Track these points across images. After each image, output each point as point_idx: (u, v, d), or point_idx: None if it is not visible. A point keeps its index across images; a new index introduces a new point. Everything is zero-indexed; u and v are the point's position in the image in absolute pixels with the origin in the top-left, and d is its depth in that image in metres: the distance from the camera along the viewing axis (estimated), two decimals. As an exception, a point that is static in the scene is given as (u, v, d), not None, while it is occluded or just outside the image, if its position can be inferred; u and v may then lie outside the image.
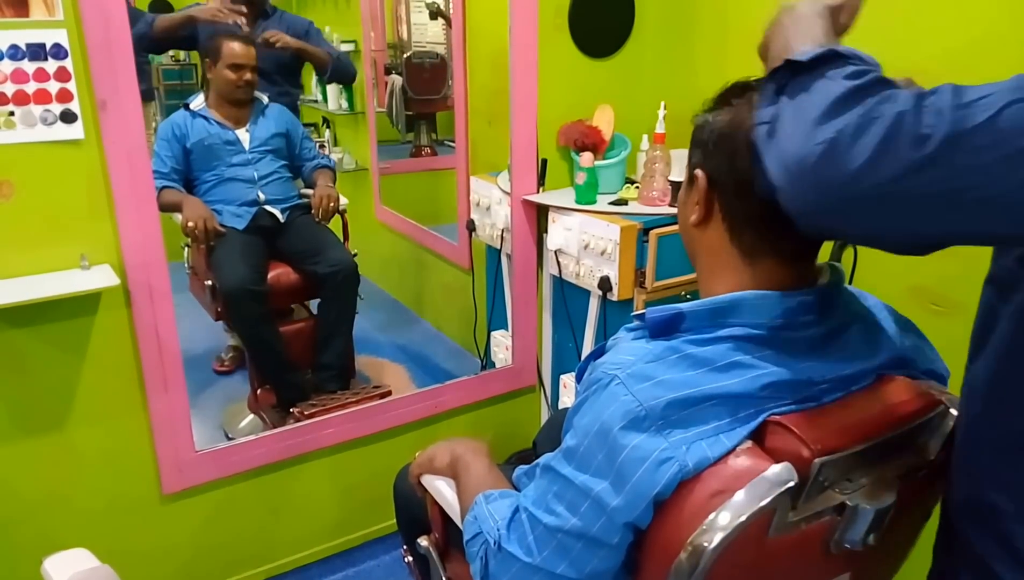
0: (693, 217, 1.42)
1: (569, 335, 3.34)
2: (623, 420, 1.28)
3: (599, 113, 3.25)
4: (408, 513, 2.18)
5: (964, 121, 0.94)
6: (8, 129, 2.25)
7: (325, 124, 5.91)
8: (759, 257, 1.37)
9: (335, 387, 3.77)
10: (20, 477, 2.57)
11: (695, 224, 1.42)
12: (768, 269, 1.36)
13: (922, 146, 0.95)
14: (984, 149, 0.93)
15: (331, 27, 5.73)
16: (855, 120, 1.01)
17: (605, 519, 1.31)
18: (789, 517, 1.25)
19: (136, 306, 2.55)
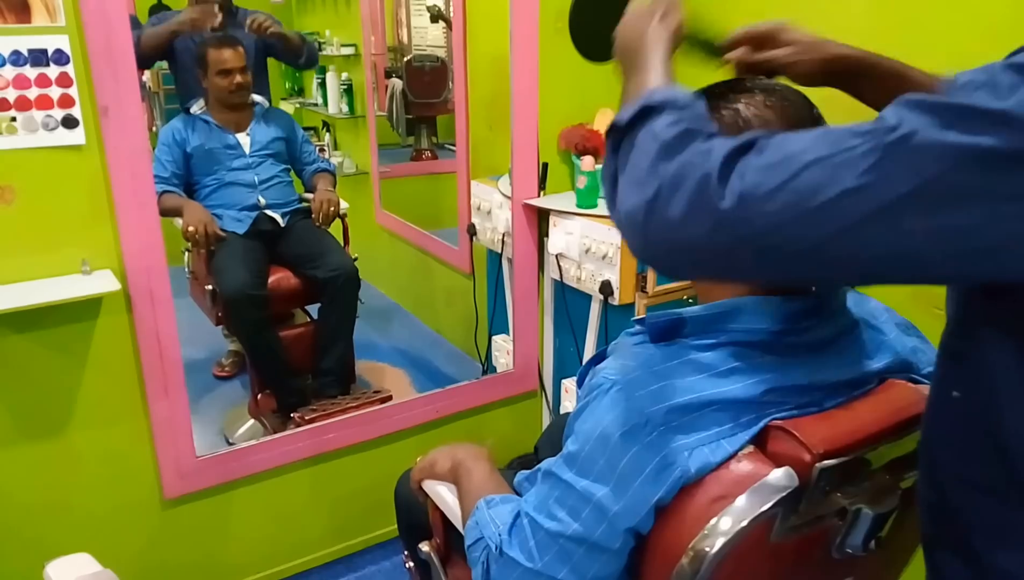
0: None
1: (570, 340, 3.35)
2: (624, 426, 1.28)
3: (600, 117, 3.25)
4: (409, 518, 2.17)
5: (762, 183, 0.95)
6: (10, 134, 2.25)
7: (325, 128, 5.92)
8: None
9: (335, 392, 3.77)
10: (22, 482, 2.57)
11: None
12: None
13: (722, 205, 0.97)
14: (780, 210, 0.94)
15: (331, 31, 5.73)
16: (668, 178, 1.03)
17: (606, 525, 1.31)
18: (791, 522, 1.25)
19: (137, 311, 2.55)
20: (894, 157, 0.88)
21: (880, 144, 0.89)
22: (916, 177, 0.87)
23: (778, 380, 1.29)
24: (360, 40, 5.42)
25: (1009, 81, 0.84)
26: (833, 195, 0.91)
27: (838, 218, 0.91)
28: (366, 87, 5.43)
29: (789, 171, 0.94)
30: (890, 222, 0.89)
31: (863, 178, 0.89)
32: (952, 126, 0.85)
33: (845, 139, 0.93)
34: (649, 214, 1.05)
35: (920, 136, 0.87)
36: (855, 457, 1.27)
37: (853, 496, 1.29)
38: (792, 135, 0.98)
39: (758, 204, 0.95)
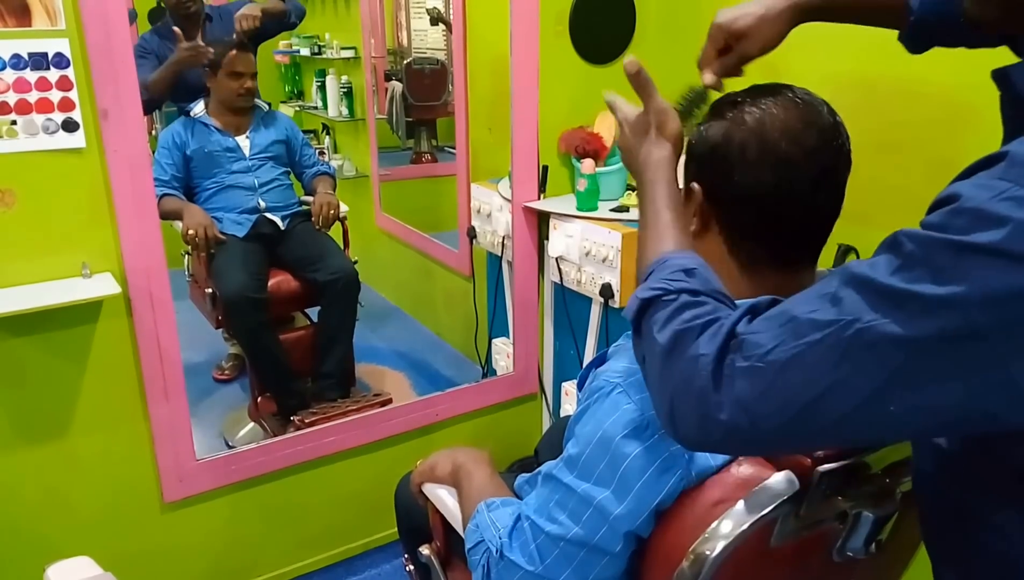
0: (691, 228, 1.41)
1: (571, 342, 3.35)
2: (625, 429, 1.28)
3: (600, 120, 3.26)
4: (409, 521, 2.18)
5: (750, 391, 0.99)
6: (10, 138, 2.25)
7: (325, 131, 5.92)
8: (757, 266, 1.37)
9: (335, 395, 3.77)
10: (22, 485, 2.57)
11: (693, 235, 1.41)
12: (767, 278, 1.36)
13: (723, 419, 1.00)
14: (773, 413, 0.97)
15: (331, 34, 5.74)
16: (674, 390, 1.07)
17: (607, 528, 1.32)
18: (791, 525, 1.25)
19: (137, 314, 2.55)
20: (857, 352, 0.91)
21: (841, 339, 0.92)
22: (883, 369, 0.90)
23: None
24: (360, 43, 5.42)
25: (944, 263, 0.86)
26: (814, 396, 0.94)
27: (827, 413, 0.94)
28: (366, 90, 5.44)
29: (770, 374, 0.97)
30: (874, 409, 0.92)
31: (835, 374, 0.92)
32: (900, 315, 0.88)
33: (808, 331, 0.95)
34: (672, 422, 1.08)
35: (875, 330, 0.89)
36: (855, 461, 1.27)
37: (853, 499, 1.29)
38: (762, 323, 1.01)
39: (753, 412, 0.99)
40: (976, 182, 0.88)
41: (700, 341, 1.04)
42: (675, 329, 1.08)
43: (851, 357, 0.91)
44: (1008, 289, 0.82)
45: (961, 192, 0.88)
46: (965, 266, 0.84)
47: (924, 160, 2.31)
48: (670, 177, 1.32)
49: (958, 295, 0.84)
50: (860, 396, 0.91)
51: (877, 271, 0.90)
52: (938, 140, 2.33)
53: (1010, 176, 0.85)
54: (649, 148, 1.36)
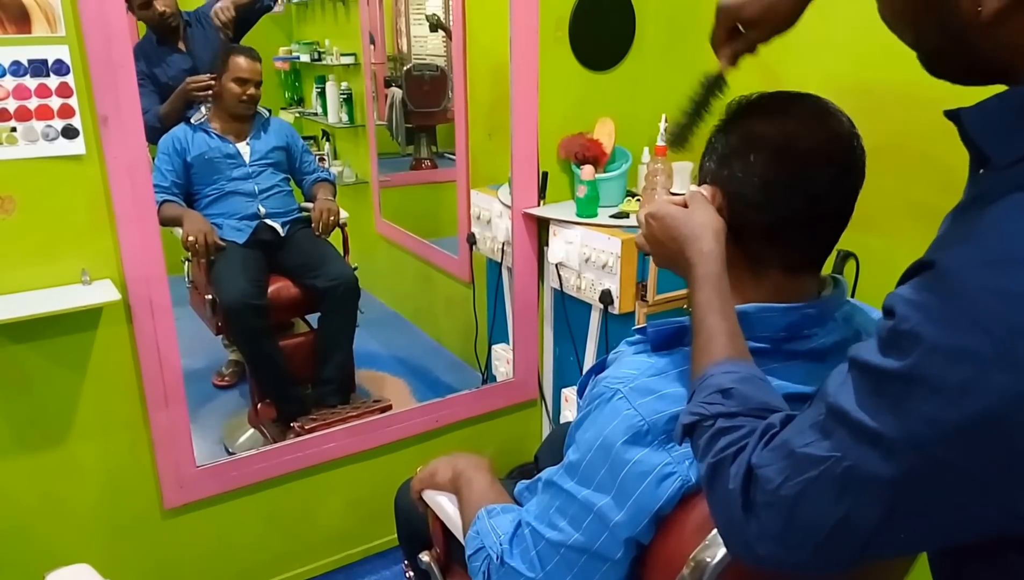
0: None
1: (570, 349, 3.34)
2: (626, 434, 1.28)
3: (600, 126, 3.26)
4: (409, 528, 2.17)
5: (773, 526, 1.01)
6: (10, 145, 2.25)
7: (325, 137, 5.92)
8: (764, 269, 1.37)
9: (335, 401, 3.76)
10: (22, 492, 2.56)
11: None
12: (772, 281, 1.36)
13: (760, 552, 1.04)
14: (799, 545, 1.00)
15: (331, 40, 5.74)
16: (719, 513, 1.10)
17: (608, 534, 1.32)
18: (792, 531, 1.24)
19: (137, 321, 2.55)
20: (853, 489, 0.93)
21: (835, 477, 0.94)
22: (880, 504, 0.92)
23: (780, 388, 1.27)
24: (360, 49, 5.42)
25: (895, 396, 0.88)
26: (831, 528, 0.96)
27: (849, 541, 0.96)
28: (366, 96, 5.44)
29: (785, 510, 0.99)
30: (889, 536, 0.94)
31: (841, 509, 0.94)
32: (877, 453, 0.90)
33: (806, 466, 0.97)
34: (727, 538, 1.11)
35: (860, 469, 0.92)
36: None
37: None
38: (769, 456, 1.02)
39: (784, 543, 1.01)
40: (908, 295, 0.90)
41: (730, 473, 1.06)
42: (710, 461, 1.10)
43: (849, 494, 0.93)
44: (953, 421, 0.84)
45: (895, 306, 0.90)
46: (911, 398, 0.86)
47: (923, 165, 2.31)
48: (719, 274, 1.28)
49: (914, 434, 0.86)
50: (871, 527, 0.93)
51: (850, 401, 0.93)
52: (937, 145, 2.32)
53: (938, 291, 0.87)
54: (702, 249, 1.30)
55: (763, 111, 1.35)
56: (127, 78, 2.36)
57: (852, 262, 2.42)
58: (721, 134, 1.39)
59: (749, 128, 1.34)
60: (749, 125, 1.35)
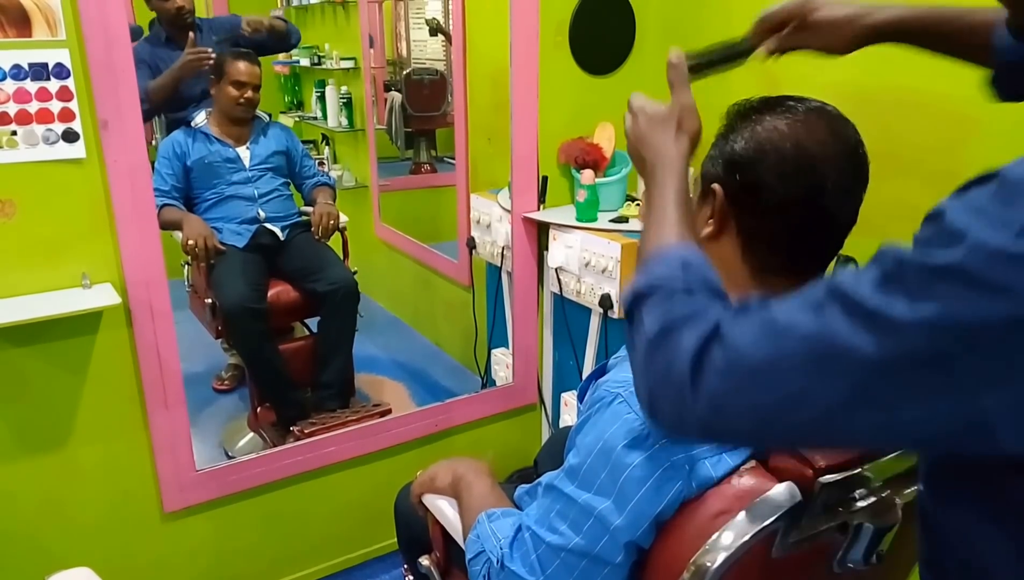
0: (705, 231, 1.40)
1: (570, 353, 3.34)
2: (626, 438, 1.28)
3: (600, 130, 3.26)
4: (409, 532, 2.17)
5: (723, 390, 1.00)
6: (11, 148, 2.25)
7: (324, 141, 5.92)
8: (768, 274, 1.37)
9: (335, 405, 3.76)
10: (22, 495, 2.56)
11: (706, 238, 1.41)
12: (776, 284, 1.34)
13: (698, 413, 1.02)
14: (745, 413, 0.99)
15: (331, 44, 5.74)
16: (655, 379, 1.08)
17: (608, 538, 1.31)
18: (792, 537, 1.25)
19: (137, 325, 2.55)
20: (828, 366, 0.91)
21: (814, 352, 0.93)
22: (849, 386, 0.90)
23: None
24: (359, 54, 5.42)
25: (918, 283, 0.86)
26: (781, 403, 0.95)
27: (793, 420, 0.96)
28: (365, 101, 5.44)
29: (744, 377, 0.98)
30: (838, 423, 0.93)
31: (803, 384, 0.93)
32: (872, 335, 0.88)
33: (787, 341, 0.96)
34: (651, 409, 1.10)
35: (847, 347, 0.89)
36: (856, 472, 1.27)
37: (854, 511, 1.29)
38: (745, 322, 1.01)
39: (725, 410, 1.00)
40: (964, 201, 0.87)
41: (684, 333, 1.05)
42: (663, 320, 1.09)
43: (821, 370, 0.92)
44: (978, 317, 0.82)
45: (946, 210, 0.87)
46: (937, 289, 0.84)
47: (924, 171, 2.31)
48: (682, 174, 1.31)
49: (927, 318, 0.84)
50: (824, 408, 0.92)
51: (860, 287, 0.90)
52: (938, 151, 2.33)
53: (999, 197, 0.84)
54: (667, 142, 1.33)
55: (770, 115, 1.35)
56: (127, 82, 2.36)
57: (852, 267, 2.42)
58: (726, 138, 1.39)
59: (756, 133, 1.34)
60: (756, 130, 1.34)
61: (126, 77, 2.35)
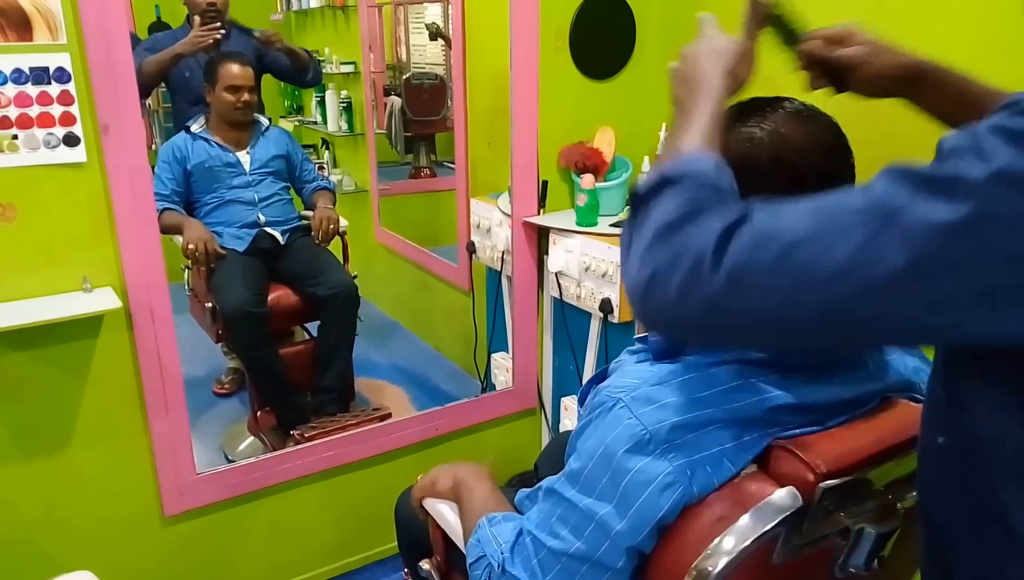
0: None
1: (570, 357, 3.34)
2: (627, 443, 1.28)
3: (600, 135, 3.26)
4: (410, 536, 2.17)
5: (752, 264, 0.97)
6: (11, 152, 2.25)
7: (324, 145, 5.91)
8: None
9: (335, 409, 3.77)
10: (22, 499, 2.56)
11: None
12: None
13: (713, 285, 0.98)
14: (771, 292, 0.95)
15: (330, 48, 5.73)
16: (667, 258, 1.04)
17: (609, 543, 1.31)
18: (793, 541, 1.26)
19: (138, 329, 2.55)
20: (885, 234, 0.88)
21: (870, 221, 0.90)
22: (908, 252, 0.87)
23: (781, 399, 1.30)
24: (360, 58, 5.42)
25: (991, 144, 0.84)
26: (825, 274, 0.92)
27: (830, 296, 0.92)
28: (365, 105, 5.44)
29: (779, 250, 0.95)
30: (884, 296, 0.90)
31: (856, 256, 0.90)
32: (940, 199, 0.85)
33: (834, 215, 0.93)
34: (648, 291, 1.06)
35: (910, 213, 0.87)
36: (858, 477, 1.27)
37: (856, 516, 1.30)
38: (784, 208, 0.98)
39: (749, 286, 0.97)
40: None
41: (710, 216, 1.03)
42: (689, 204, 1.07)
43: (877, 241, 0.89)
44: None
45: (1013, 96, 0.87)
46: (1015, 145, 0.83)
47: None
48: (719, 104, 1.28)
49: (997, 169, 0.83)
50: (871, 280, 0.89)
51: (919, 166, 0.89)
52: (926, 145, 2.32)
53: None
54: (715, 74, 1.31)
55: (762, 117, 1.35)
56: (128, 86, 2.36)
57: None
58: None
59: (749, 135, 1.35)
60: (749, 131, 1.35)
61: (127, 81, 2.35)
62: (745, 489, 1.25)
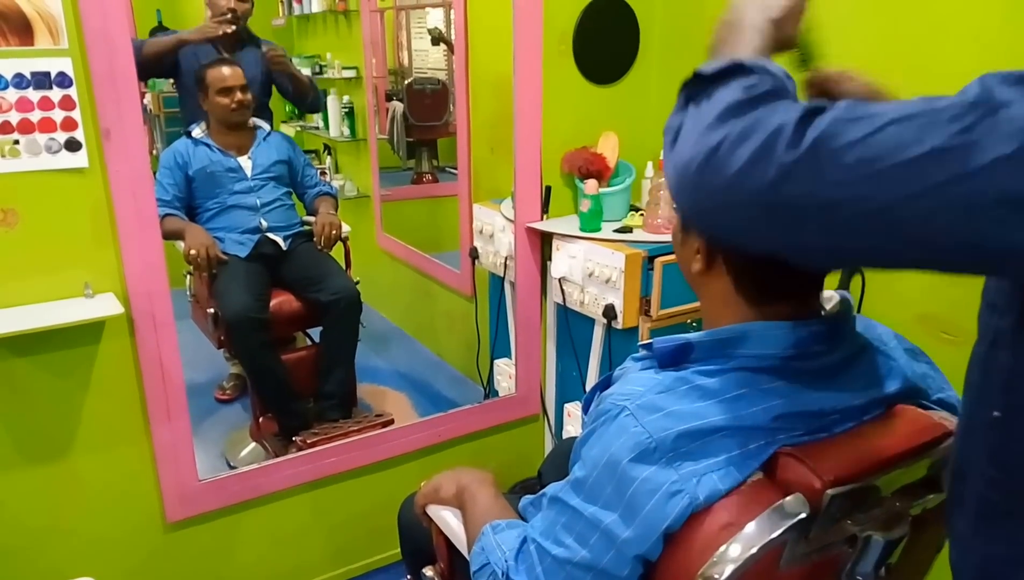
0: (696, 267, 1.40)
1: (573, 364, 3.34)
2: (633, 452, 1.27)
3: (603, 140, 3.26)
4: (413, 543, 2.17)
5: (840, 134, 0.92)
6: (13, 157, 2.25)
7: (326, 151, 5.92)
8: (766, 303, 1.35)
9: (337, 416, 3.76)
10: (24, 506, 2.55)
11: (699, 273, 1.40)
12: (777, 308, 1.35)
13: (792, 155, 0.94)
14: (855, 165, 0.91)
15: (332, 53, 5.74)
16: (739, 128, 1.00)
17: (615, 552, 1.30)
18: (800, 549, 1.25)
19: (140, 335, 2.54)
20: (988, 123, 0.85)
21: (973, 112, 0.86)
22: (1012, 142, 0.83)
23: (787, 406, 1.29)
24: (362, 63, 5.42)
25: None
26: (918, 153, 0.87)
27: (919, 178, 0.88)
28: (367, 110, 5.44)
29: (872, 126, 0.91)
30: (975, 187, 0.85)
31: (955, 139, 0.86)
32: None
33: (934, 101, 0.90)
34: (707, 161, 1.02)
35: (1016, 107, 0.84)
36: (865, 484, 1.26)
37: (863, 523, 1.29)
38: (871, 104, 0.94)
39: (832, 155, 0.92)
40: None
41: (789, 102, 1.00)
42: (765, 87, 1.04)
43: (978, 128, 0.85)
44: None
45: None
46: None
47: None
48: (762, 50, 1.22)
49: None
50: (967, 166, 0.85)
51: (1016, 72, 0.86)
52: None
53: None
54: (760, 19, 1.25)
55: None
56: (130, 91, 2.35)
57: (857, 277, 2.41)
58: None
59: None
60: None
61: (128, 86, 2.35)
62: (752, 496, 1.25)
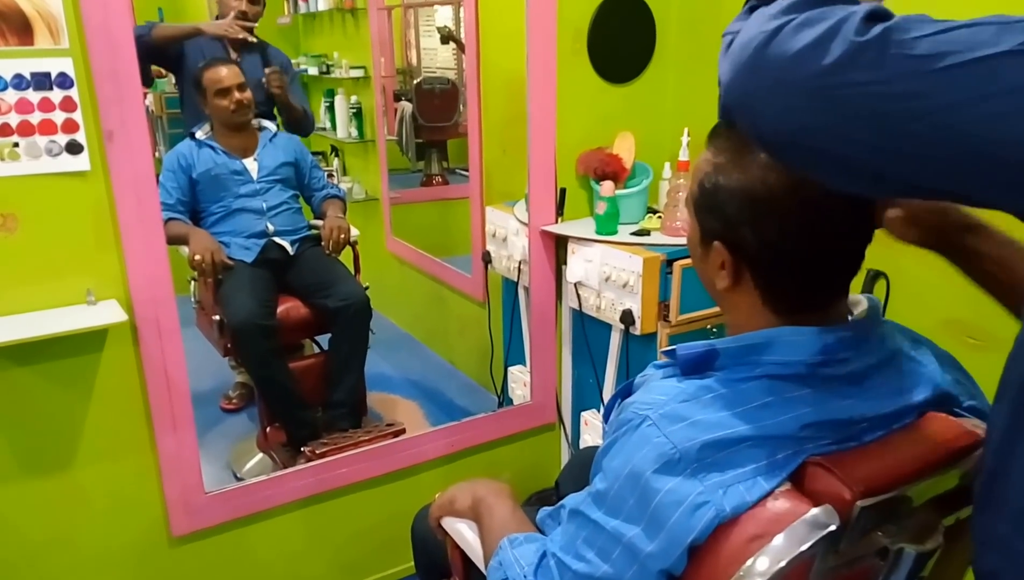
0: (722, 284, 1.36)
1: (590, 371, 3.30)
2: (656, 463, 1.24)
3: (620, 140, 3.24)
4: (427, 557, 2.15)
5: (911, 29, 0.89)
6: (13, 161, 2.22)
7: (334, 153, 5.92)
8: (795, 313, 1.32)
9: (347, 425, 3.73)
10: (26, 519, 2.53)
11: (725, 290, 1.36)
12: (806, 318, 1.32)
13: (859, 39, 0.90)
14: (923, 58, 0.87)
15: (339, 53, 5.72)
16: (804, 16, 0.97)
17: (638, 566, 1.27)
18: (830, 562, 1.23)
19: (143, 343, 2.52)
20: None
21: None
22: None
23: (815, 414, 1.26)
24: (369, 62, 5.41)
25: None
26: (993, 52, 0.84)
27: (990, 79, 0.84)
28: (375, 110, 5.42)
29: (944, 26, 0.88)
30: None
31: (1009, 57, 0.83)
32: None
33: (1008, 16, 0.86)
34: (771, 39, 0.98)
35: None
36: (896, 494, 1.24)
37: (894, 535, 1.28)
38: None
39: (900, 46, 0.89)
40: None
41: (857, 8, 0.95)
42: None
43: None
44: None
45: None
46: None
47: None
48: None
49: None
50: None
51: None
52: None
53: None
54: None
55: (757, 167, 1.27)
56: (132, 92, 2.33)
57: (882, 281, 2.37)
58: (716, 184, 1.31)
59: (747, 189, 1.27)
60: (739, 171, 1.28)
61: (131, 86, 2.32)
62: (779, 508, 1.22)
